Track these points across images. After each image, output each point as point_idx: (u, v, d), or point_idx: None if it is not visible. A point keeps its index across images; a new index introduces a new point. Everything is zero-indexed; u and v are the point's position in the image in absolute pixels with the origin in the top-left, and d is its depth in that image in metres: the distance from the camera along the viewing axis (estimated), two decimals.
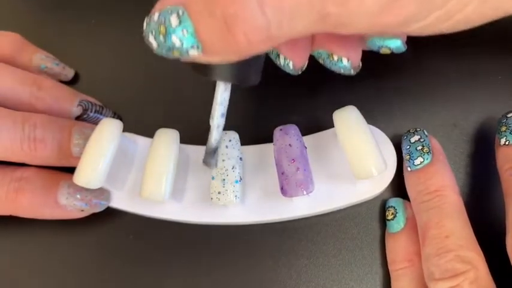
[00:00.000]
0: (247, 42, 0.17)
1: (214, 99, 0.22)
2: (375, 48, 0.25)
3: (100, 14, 0.34)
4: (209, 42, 0.17)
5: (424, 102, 0.30)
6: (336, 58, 0.24)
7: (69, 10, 0.35)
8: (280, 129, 0.26)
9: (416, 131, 0.27)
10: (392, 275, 0.26)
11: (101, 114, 0.31)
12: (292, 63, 0.24)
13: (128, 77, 0.32)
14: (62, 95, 0.30)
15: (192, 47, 0.17)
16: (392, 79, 0.30)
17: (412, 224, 0.26)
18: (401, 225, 0.26)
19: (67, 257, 0.29)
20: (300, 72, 0.25)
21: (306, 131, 0.28)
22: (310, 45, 0.25)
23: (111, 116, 0.31)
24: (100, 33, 0.34)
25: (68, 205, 0.27)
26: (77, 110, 0.30)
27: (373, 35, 0.24)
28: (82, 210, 0.28)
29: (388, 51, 0.24)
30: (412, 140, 0.27)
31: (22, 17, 0.35)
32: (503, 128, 0.26)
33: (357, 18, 0.17)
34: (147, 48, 0.32)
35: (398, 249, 0.26)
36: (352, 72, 0.25)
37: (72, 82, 0.32)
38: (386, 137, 0.28)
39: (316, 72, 0.31)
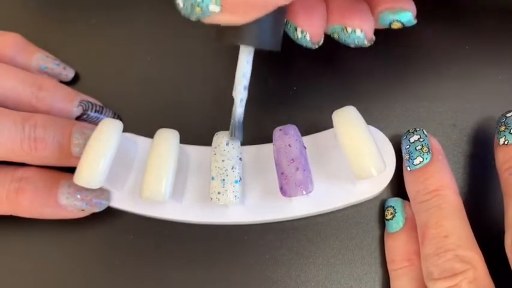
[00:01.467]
0: None
1: (237, 72, 0.23)
2: (386, 24, 0.26)
3: (100, 14, 0.34)
4: None
5: (423, 102, 0.30)
6: (349, 30, 0.25)
7: (69, 10, 0.34)
8: (280, 130, 0.26)
9: (415, 130, 0.27)
10: (392, 274, 0.26)
11: (101, 114, 0.31)
12: (309, 35, 0.25)
13: (128, 77, 0.32)
14: (63, 95, 0.30)
15: (211, 1, 0.20)
16: (392, 79, 0.30)
17: (411, 224, 0.26)
18: (400, 225, 0.26)
19: (67, 257, 0.29)
20: (316, 47, 0.26)
21: (305, 131, 0.28)
22: (326, 19, 0.26)
23: (111, 116, 0.31)
24: (100, 33, 0.34)
25: (69, 205, 0.27)
26: (77, 110, 0.30)
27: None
28: (82, 210, 0.28)
29: (399, 26, 0.25)
30: (412, 139, 0.27)
31: (22, 17, 0.35)
32: (502, 128, 0.26)
33: None
34: (147, 48, 0.33)
35: (398, 248, 0.26)
36: (366, 43, 0.26)
37: (72, 82, 0.32)
38: (385, 137, 0.28)
39: (316, 72, 0.31)
